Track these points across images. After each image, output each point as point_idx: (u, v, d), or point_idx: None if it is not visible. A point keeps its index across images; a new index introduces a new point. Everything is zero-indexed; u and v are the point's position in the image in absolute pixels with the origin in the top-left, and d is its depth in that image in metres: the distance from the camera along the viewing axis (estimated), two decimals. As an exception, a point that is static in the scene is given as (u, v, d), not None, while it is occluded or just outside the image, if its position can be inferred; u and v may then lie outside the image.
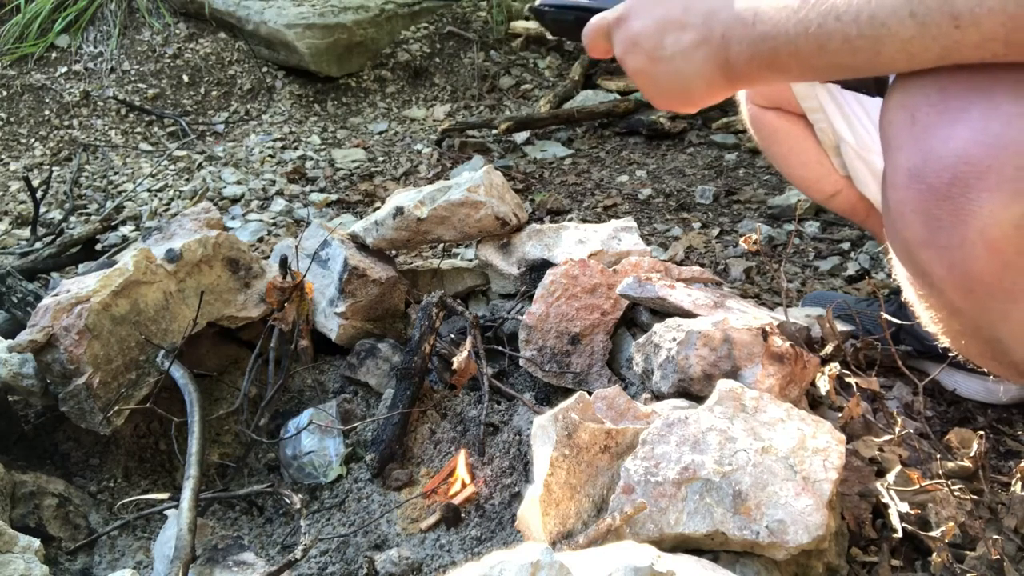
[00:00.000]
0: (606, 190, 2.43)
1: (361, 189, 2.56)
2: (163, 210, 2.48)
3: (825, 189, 1.40)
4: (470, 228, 1.54)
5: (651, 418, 1.02)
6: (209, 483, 1.30)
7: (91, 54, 3.30)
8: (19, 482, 1.20)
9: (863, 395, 1.19)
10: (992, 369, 0.81)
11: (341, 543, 1.15)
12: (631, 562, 0.69)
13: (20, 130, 3.03)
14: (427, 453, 1.32)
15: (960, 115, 0.63)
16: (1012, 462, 1.23)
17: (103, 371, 1.25)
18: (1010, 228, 0.60)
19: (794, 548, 0.86)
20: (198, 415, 1.22)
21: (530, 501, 0.91)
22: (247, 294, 1.50)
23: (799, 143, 1.35)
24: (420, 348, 1.35)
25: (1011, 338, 0.67)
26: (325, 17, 3.22)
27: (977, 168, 0.61)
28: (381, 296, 1.55)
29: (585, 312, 1.35)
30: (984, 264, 0.62)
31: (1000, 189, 0.60)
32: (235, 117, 3.15)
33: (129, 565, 1.16)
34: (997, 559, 0.95)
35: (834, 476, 0.91)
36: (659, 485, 0.91)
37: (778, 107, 1.36)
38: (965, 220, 0.62)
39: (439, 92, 3.34)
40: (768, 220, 2.15)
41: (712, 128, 2.78)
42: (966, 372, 1.34)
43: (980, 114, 0.61)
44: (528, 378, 1.41)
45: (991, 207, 0.60)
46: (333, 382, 1.52)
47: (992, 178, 0.60)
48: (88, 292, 1.26)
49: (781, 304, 1.44)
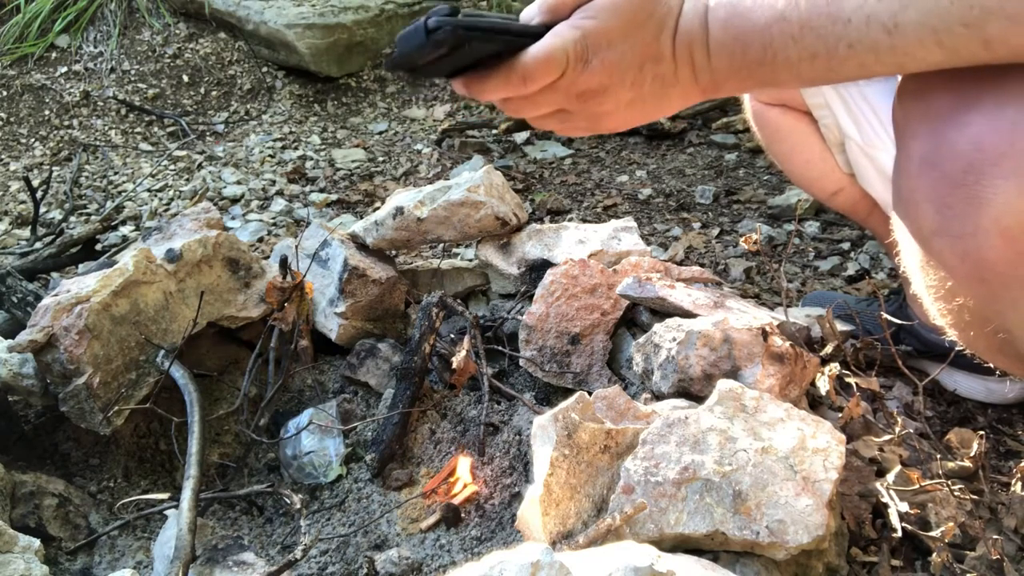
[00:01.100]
0: (606, 190, 2.43)
1: (361, 189, 2.56)
2: (163, 210, 2.48)
3: (827, 187, 1.40)
4: (470, 228, 1.54)
5: (651, 418, 1.02)
6: (209, 483, 1.30)
7: (91, 54, 3.30)
8: (19, 482, 1.20)
9: (863, 395, 1.19)
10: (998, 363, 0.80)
11: (341, 543, 1.15)
12: (631, 562, 0.69)
13: (20, 130, 3.03)
14: (427, 453, 1.32)
15: (975, 103, 0.62)
16: (1012, 462, 1.23)
17: (103, 371, 1.25)
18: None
19: (794, 548, 0.86)
20: (198, 415, 1.22)
21: (530, 501, 0.91)
22: (247, 294, 1.50)
23: (802, 140, 1.35)
24: (420, 348, 1.35)
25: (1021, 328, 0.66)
26: (325, 17, 3.22)
27: (991, 155, 0.60)
28: (381, 296, 1.55)
29: (585, 312, 1.35)
30: (998, 252, 0.61)
31: (1015, 176, 0.59)
32: (235, 117, 3.15)
33: (129, 565, 1.16)
34: (997, 559, 0.95)
35: (834, 476, 0.91)
36: (659, 485, 0.91)
37: (782, 104, 1.35)
38: (979, 208, 0.61)
39: (439, 92, 3.34)
40: (768, 220, 2.15)
41: (712, 128, 2.78)
42: (966, 372, 1.34)
43: (995, 102, 0.61)
44: (528, 378, 1.41)
45: (1006, 194, 0.59)
46: (333, 382, 1.52)
47: (1007, 165, 0.59)
48: (88, 292, 1.26)
49: (781, 304, 1.44)
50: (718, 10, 0.69)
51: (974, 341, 0.75)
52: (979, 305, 0.68)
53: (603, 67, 0.70)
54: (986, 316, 0.69)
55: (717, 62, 0.70)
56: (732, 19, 0.68)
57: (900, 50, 0.60)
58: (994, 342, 0.73)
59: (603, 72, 0.70)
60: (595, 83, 0.71)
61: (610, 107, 0.74)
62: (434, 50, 0.66)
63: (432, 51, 0.66)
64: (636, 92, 0.73)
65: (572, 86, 0.72)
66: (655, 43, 0.71)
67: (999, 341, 0.71)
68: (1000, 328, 0.69)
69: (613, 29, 0.69)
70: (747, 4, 0.67)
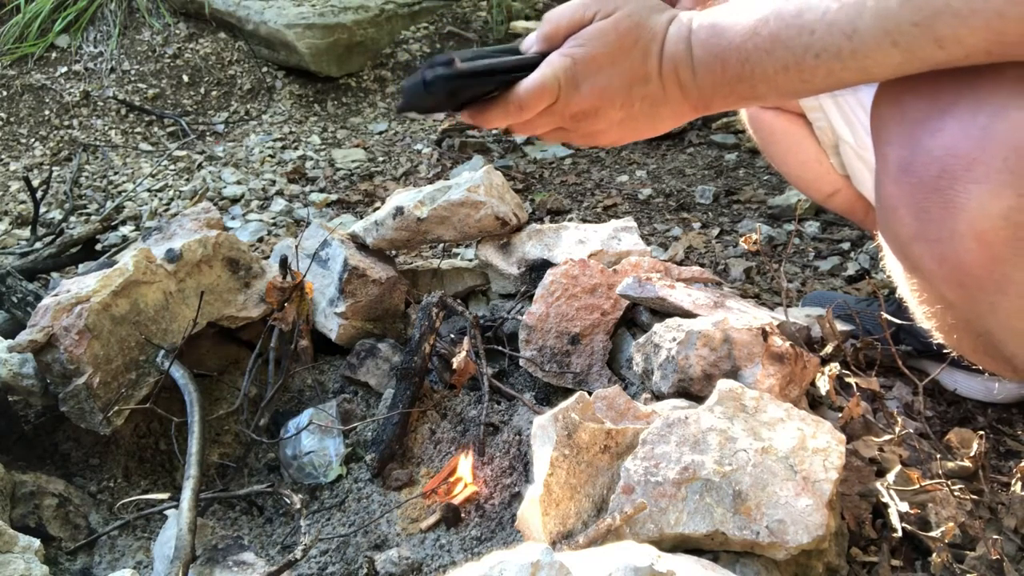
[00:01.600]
0: (606, 190, 2.43)
1: (361, 189, 2.56)
2: (163, 210, 2.48)
3: (824, 188, 1.40)
4: (470, 228, 1.54)
5: (651, 418, 1.02)
6: (209, 483, 1.30)
7: (91, 54, 3.30)
8: (19, 482, 1.20)
9: (863, 395, 1.19)
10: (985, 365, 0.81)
11: (341, 543, 1.16)
12: (631, 562, 0.69)
13: (20, 130, 3.03)
14: (427, 453, 1.32)
15: (949, 108, 0.63)
16: (1012, 462, 1.23)
17: (103, 371, 1.25)
18: (999, 220, 0.60)
19: (794, 548, 0.86)
20: (198, 415, 1.22)
21: (530, 501, 0.91)
22: (247, 294, 1.50)
23: (798, 142, 1.35)
24: (420, 348, 1.35)
25: (1001, 331, 0.67)
26: (325, 17, 3.22)
27: (965, 160, 0.61)
28: (381, 296, 1.55)
29: (585, 312, 1.35)
30: (974, 256, 0.62)
31: (988, 181, 0.60)
32: (235, 117, 3.15)
33: (129, 565, 1.16)
34: (997, 559, 0.95)
35: (834, 476, 0.91)
36: (659, 485, 0.91)
37: (776, 107, 1.36)
38: (954, 213, 0.62)
39: (439, 92, 3.34)
40: (768, 220, 2.15)
41: (712, 128, 2.78)
42: (966, 371, 1.34)
43: (968, 107, 0.62)
44: (528, 378, 1.41)
45: (979, 199, 0.60)
46: (333, 382, 1.52)
47: (980, 170, 0.60)
48: (88, 292, 1.26)
49: (781, 304, 1.44)
50: (699, 31, 0.73)
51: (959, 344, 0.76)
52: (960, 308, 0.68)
53: (592, 91, 0.76)
54: (967, 319, 0.70)
55: (702, 80, 0.74)
56: (711, 38, 0.72)
57: (861, 54, 0.62)
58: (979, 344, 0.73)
59: (593, 96, 0.76)
60: (587, 105, 0.77)
61: (603, 126, 0.79)
62: (433, 99, 0.77)
63: (432, 99, 0.77)
64: (627, 112, 0.78)
65: (566, 109, 0.78)
66: (642, 66, 0.75)
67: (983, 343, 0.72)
68: (982, 330, 0.69)
69: (601, 56, 0.75)
70: (725, 23, 0.71)
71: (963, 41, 0.58)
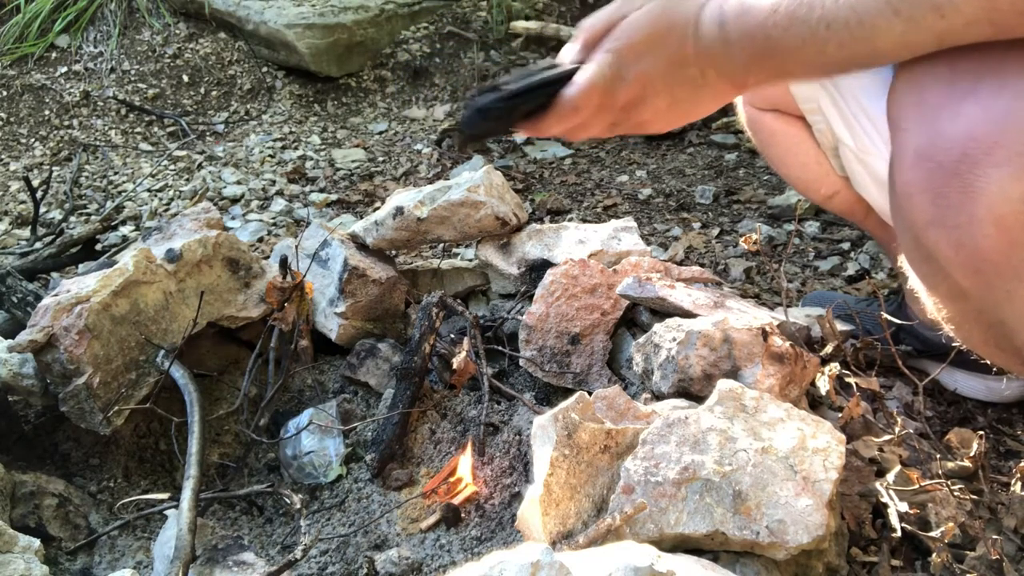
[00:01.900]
0: (606, 190, 2.43)
1: (361, 189, 2.56)
2: (163, 210, 2.48)
3: (823, 190, 1.40)
4: (470, 228, 1.54)
5: (651, 418, 1.02)
6: (209, 483, 1.30)
7: (91, 54, 3.30)
8: (19, 482, 1.20)
9: (863, 395, 1.19)
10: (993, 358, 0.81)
11: (341, 543, 1.16)
12: (631, 562, 0.69)
13: (20, 130, 3.03)
14: (427, 453, 1.32)
15: (968, 93, 0.63)
16: (1012, 462, 1.23)
17: (103, 371, 1.25)
18: (1019, 204, 0.60)
19: (794, 548, 0.86)
20: (198, 415, 1.22)
21: (530, 501, 0.91)
22: (247, 294, 1.50)
23: (797, 144, 1.35)
24: (420, 348, 1.35)
25: (1016, 320, 0.67)
26: (325, 17, 3.22)
27: (985, 144, 0.61)
28: (381, 296, 1.55)
29: (585, 312, 1.35)
30: (992, 242, 0.62)
31: (1009, 164, 0.60)
32: (235, 117, 3.15)
33: (129, 565, 1.16)
34: (997, 559, 0.95)
35: (834, 476, 0.91)
36: (659, 485, 0.91)
37: (776, 109, 1.36)
38: (973, 197, 0.62)
39: (439, 92, 3.34)
40: (768, 220, 2.15)
41: (712, 128, 2.78)
42: (966, 371, 1.34)
43: (988, 91, 0.62)
44: (528, 378, 1.41)
45: (1000, 183, 0.60)
46: (333, 382, 1.52)
47: (1000, 153, 0.60)
48: (88, 292, 1.26)
49: (781, 304, 1.44)
50: (728, 12, 0.76)
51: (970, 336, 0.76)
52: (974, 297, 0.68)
53: (638, 77, 0.80)
54: (981, 308, 0.70)
55: (736, 59, 0.76)
56: (740, 17, 0.74)
57: (868, 24, 0.63)
58: (990, 335, 0.73)
59: (638, 83, 0.80)
60: (633, 94, 0.81)
61: (649, 114, 0.83)
62: (490, 123, 0.84)
63: (489, 124, 0.85)
64: (670, 97, 0.81)
65: (615, 101, 0.81)
66: (679, 50, 0.78)
67: (995, 335, 0.72)
68: (995, 320, 0.69)
69: (639, 43, 0.79)
70: (751, 2, 0.74)
71: (960, 9, 0.59)
